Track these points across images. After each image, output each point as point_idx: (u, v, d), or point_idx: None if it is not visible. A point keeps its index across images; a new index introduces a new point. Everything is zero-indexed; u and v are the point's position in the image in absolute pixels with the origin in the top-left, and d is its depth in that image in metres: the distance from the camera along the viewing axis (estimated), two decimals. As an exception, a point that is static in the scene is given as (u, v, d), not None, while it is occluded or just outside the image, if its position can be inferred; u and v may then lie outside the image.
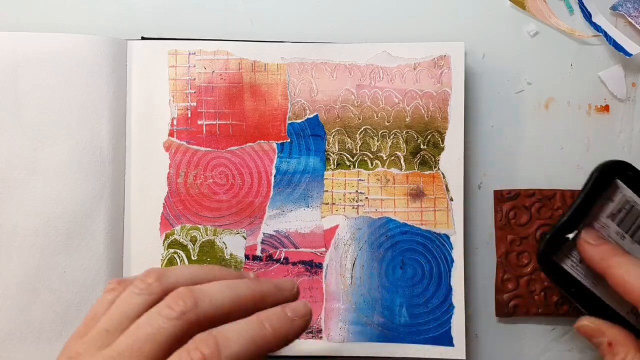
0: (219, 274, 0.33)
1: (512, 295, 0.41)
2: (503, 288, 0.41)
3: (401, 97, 0.41)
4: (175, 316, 0.28)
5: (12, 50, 0.40)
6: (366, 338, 0.40)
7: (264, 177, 0.41)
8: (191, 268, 0.32)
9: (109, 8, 0.43)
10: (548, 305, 0.41)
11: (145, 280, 0.30)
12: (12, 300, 0.39)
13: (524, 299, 0.41)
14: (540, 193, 0.41)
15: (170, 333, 0.28)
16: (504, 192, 0.41)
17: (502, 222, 0.41)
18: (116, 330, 0.29)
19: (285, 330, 0.30)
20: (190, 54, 0.41)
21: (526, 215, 0.41)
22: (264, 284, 0.32)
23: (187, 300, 0.28)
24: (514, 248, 0.41)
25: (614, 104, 0.43)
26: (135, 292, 0.30)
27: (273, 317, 0.30)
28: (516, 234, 0.41)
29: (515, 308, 0.41)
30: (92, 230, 0.40)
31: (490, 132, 0.43)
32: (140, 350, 0.27)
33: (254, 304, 0.31)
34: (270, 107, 0.41)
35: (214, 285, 0.30)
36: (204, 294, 0.29)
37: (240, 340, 0.28)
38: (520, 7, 0.43)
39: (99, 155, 0.40)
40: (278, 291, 0.32)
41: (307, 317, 0.32)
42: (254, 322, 0.29)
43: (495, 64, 0.43)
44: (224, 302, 0.30)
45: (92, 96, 0.40)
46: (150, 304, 0.30)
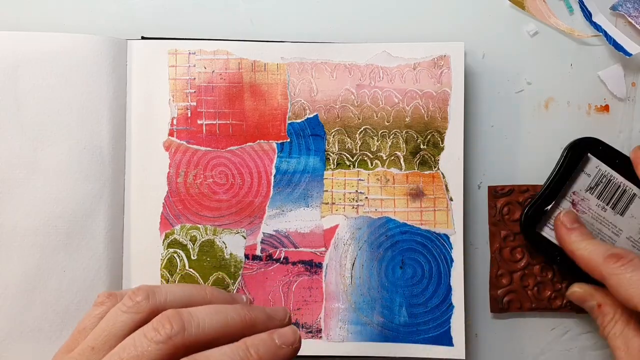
0: (209, 295, 0.33)
1: (506, 290, 0.41)
2: (497, 283, 0.41)
3: (401, 97, 0.41)
4: (161, 340, 0.28)
5: (12, 50, 0.40)
6: (366, 338, 0.40)
7: (263, 176, 0.41)
8: (182, 287, 0.32)
9: (109, 8, 0.43)
10: (541, 300, 0.41)
11: (133, 298, 0.30)
12: (12, 300, 0.39)
13: (518, 294, 0.41)
14: (534, 189, 0.41)
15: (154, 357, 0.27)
16: (497, 188, 0.41)
17: (496, 218, 0.41)
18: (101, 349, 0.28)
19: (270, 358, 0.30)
20: (190, 54, 0.41)
21: (520, 210, 0.41)
22: (255, 311, 0.32)
23: (175, 323, 0.28)
24: (507, 244, 0.41)
25: (613, 103, 0.42)
26: (123, 310, 0.30)
27: (259, 344, 0.30)
28: (510, 230, 0.41)
29: (509, 303, 0.41)
30: (92, 230, 0.40)
31: (490, 132, 0.43)
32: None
33: (243, 331, 0.30)
34: (270, 107, 0.41)
35: (203, 309, 0.30)
36: (192, 318, 0.29)
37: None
38: (519, 7, 0.43)
39: (99, 155, 0.40)
40: (269, 319, 0.32)
41: (295, 345, 0.31)
42: (239, 348, 0.29)
43: (495, 64, 0.43)
44: (212, 328, 0.29)
45: (92, 96, 0.40)
46: (137, 323, 0.29)
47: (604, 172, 0.40)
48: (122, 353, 0.28)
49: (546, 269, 0.41)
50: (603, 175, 0.40)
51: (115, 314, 0.30)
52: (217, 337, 0.29)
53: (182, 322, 0.28)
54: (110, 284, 0.40)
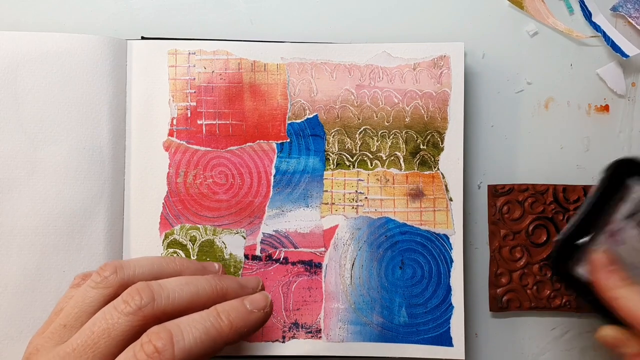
0: (179, 266, 0.33)
1: (505, 289, 0.41)
2: (496, 282, 0.41)
3: (401, 97, 0.41)
4: (131, 311, 0.28)
5: (12, 50, 0.40)
6: (365, 338, 0.40)
7: (263, 177, 0.41)
8: (151, 260, 0.32)
9: (109, 8, 0.43)
10: (540, 299, 0.41)
11: (101, 274, 0.30)
12: (12, 300, 0.39)
13: (517, 293, 0.41)
14: (534, 188, 0.41)
15: (125, 328, 0.28)
16: (497, 187, 0.41)
17: (496, 217, 0.41)
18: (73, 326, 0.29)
19: (242, 323, 0.30)
20: (190, 54, 0.41)
21: (519, 210, 0.41)
22: (227, 281, 0.32)
23: (144, 295, 0.28)
24: (507, 242, 0.41)
25: (613, 103, 0.42)
26: (91, 286, 0.30)
27: (230, 310, 0.30)
28: (509, 229, 0.41)
29: (508, 302, 0.41)
30: (91, 229, 0.40)
31: (490, 132, 0.43)
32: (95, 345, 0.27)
33: (215, 300, 0.31)
34: (270, 107, 0.41)
35: (173, 281, 0.30)
36: (161, 289, 0.29)
37: (195, 332, 0.28)
38: (518, 7, 0.43)
39: (99, 155, 0.40)
40: (241, 288, 0.32)
41: (267, 310, 0.31)
42: (210, 315, 0.29)
43: (495, 64, 0.43)
44: (183, 298, 0.30)
45: (92, 96, 0.40)
46: (107, 297, 0.30)
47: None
48: (93, 327, 0.28)
49: (545, 268, 0.41)
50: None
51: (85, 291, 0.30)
52: (188, 307, 0.30)
53: (152, 293, 0.29)
54: (110, 284, 0.40)
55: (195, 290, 0.30)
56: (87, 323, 0.29)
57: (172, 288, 0.30)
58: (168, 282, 0.30)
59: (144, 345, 0.27)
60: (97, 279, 0.30)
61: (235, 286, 0.32)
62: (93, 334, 0.28)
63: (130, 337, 0.28)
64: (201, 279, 0.31)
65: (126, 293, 0.29)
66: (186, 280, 0.31)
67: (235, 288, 0.32)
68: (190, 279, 0.31)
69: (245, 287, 0.33)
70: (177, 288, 0.30)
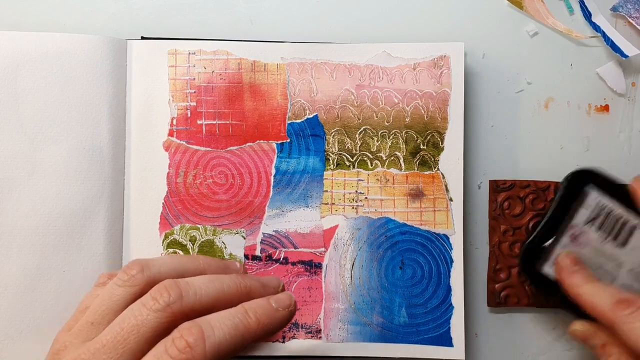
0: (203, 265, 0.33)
1: (503, 285, 0.41)
2: (495, 278, 0.41)
3: (401, 97, 0.41)
4: (160, 308, 0.28)
5: (12, 50, 0.40)
6: (365, 338, 0.40)
7: (263, 177, 0.41)
8: (175, 259, 0.33)
9: (109, 8, 0.43)
10: (538, 296, 0.41)
11: (128, 272, 0.31)
12: (12, 300, 0.39)
13: (515, 288, 0.41)
14: (535, 184, 0.41)
15: (154, 325, 0.28)
16: (499, 183, 0.41)
17: (496, 212, 0.41)
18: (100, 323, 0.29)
19: (269, 320, 0.31)
20: (190, 54, 0.41)
21: (520, 206, 0.41)
22: (249, 280, 0.33)
23: (172, 292, 0.29)
24: (507, 238, 0.41)
25: (613, 103, 0.42)
26: (118, 284, 0.30)
27: (257, 307, 0.31)
28: (509, 224, 0.41)
29: (506, 298, 0.41)
30: (91, 229, 0.40)
31: (490, 132, 0.42)
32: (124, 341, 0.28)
33: (239, 298, 0.31)
34: (270, 107, 0.41)
35: (199, 279, 0.31)
36: (188, 286, 0.30)
37: (224, 328, 0.29)
38: (518, 7, 0.43)
39: (99, 155, 0.40)
40: (263, 287, 0.33)
41: (291, 309, 0.32)
42: (238, 312, 0.30)
43: (495, 64, 0.43)
44: (209, 295, 0.30)
45: (92, 96, 0.40)
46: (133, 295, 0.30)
47: (603, 203, 0.38)
48: (122, 323, 0.28)
49: None
50: (602, 207, 0.38)
51: (112, 289, 0.30)
52: (214, 304, 0.30)
53: (180, 290, 0.29)
54: (110, 284, 0.40)
55: (221, 288, 0.31)
56: (116, 320, 0.29)
57: (199, 285, 0.30)
58: (194, 279, 0.31)
59: (175, 341, 0.27)
60: (124, 277, 0.30)
61: (258, 285, 0.33)
62: (122, 330, 0.28)
63: (159, 333, 0.28)
64: (226, 278, 0.32)
65: (154, 290, 0.29)
66: (212, 278, 0.31)
67: (258, 287, 0.33)
68: (215, 277, 0.31)
69: (268, 286, 0.33)
70: (203, 286, 0.30)
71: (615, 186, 0.38)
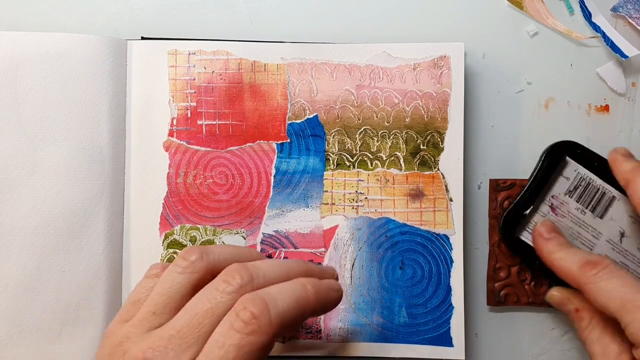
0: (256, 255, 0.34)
1: (503, 284, 0.41)
2: (495, 276, 0.41)
3: (401, 98, 0.41)
4: (233, 290, 0.28)
5: (12, 50, 0.40)
6: (365, 338, 0.40)
7: (263, 177, 0.41)
8: (231, 248, 0.33)
9: (109, 8, 0.43)
10: (538, 295, 0.41)
11: (187, 258, 0.30)
12: (11, 300, 0.39)
13: (515, 287, 0.41)
14: None
15: (228, 307, 0.28)
16: (499, 182, 0.41)
17: (497, 211, 0.41)
18: (163, 312, 0.29)
19: (325, 296, 0.31)
20: (190, 54, 0.41)
21: None
22: (310, 264, 0.34)
23: (243, 274, 0.29)
24: None
25: (613, 103, 0.42)
26: (178, 272, 0.30)
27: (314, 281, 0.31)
28: None
29: (506, 297, 0.41)
30: (91, 230, 0.40)
31: (490, 132, 0.42)
32: (200, 325, 0.27)
33: None
34: (270, 107, 0.41)
35: (264, 262, 0.31)
36: (257, 269, 0.30)
37: (286, 299, 0.29)
38: (518, 7, 0.43)
39: (99, 155, 0.40)
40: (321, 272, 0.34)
41: (341, 292, 0.33)
42: (297, 284, 0.30)
43: (495, 64, 0.43)
44: (277, 278, 0.30)
45: (92, 96, 0.40)
46: (194, 282, 0.30)
47: (582, 175, 0.40)
48: (196, 308, 0.28)
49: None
50: (582, 178, 0.40)
51: (171, 277, 0.30)
52: None
53: (250, 273, 0.29)
54: (110, 284, 0.40)
55: (286, 271, 0.31)
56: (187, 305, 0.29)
57: (266, 268, 0.30)
58: (260, 263, 0.31)
59: (239, 313, 0.27)
60: (184, 264, 0.30)
61: (318, 270, 0.34)
62: (197, 315, 0.28)
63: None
64: (290, 262, 0.32)
65: (225, 274, 0.29)
66: (276, 262, 0.32)
67: (318, 272, 0.34)
68: (280, 261, 0.32)
69: (325, 272, 0.34)
70: (270, 269, 0.30)
71: (594, 158, 0.40)
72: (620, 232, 0.40)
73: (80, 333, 0.40)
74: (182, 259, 0.31)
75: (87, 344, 0.40)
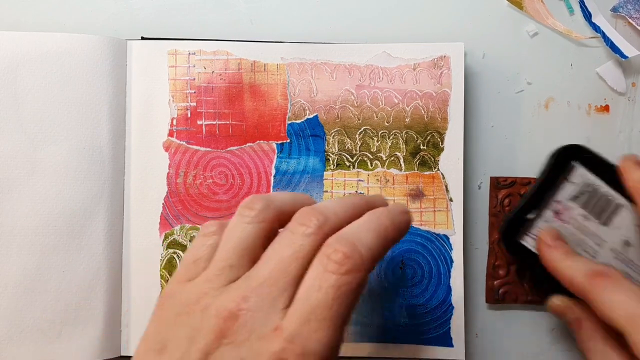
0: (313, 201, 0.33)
1: (502, 282, 0.41)
2: (494, 274, 0.41)
3: (401, 98, 0.41)
4: (313, 231, 0.28)
5: (12, 50, 0.40)
6: (365, 338, 0.40)
7: (263, 177, 0.41)
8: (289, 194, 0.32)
9: (109, 8, 0.43)
10: (537, 294, 0.41)
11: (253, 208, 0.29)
12: (11, 300, 0.39)
13: (514, 285, 0.41)
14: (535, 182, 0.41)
15: (310, 249, 0.28)
16: (500, 179, 0.41)
17: (497, 209, 0.41)
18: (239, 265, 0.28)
19: (399, 222, 0.31)
20: (190, 54, 0.41)
21: None
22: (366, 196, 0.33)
23: (318, 215, 0.28)
24: None
25: (613, 103, 0.42)
26: (246, 222, 0.29)
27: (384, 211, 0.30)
28: None
29: (505, 295, 0.41)
30: (91, 230, 0.40)
31: (490, 132, 0.42)
32: (286, 270, 0.27)
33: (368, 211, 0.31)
34: (269, 107, 0.41)
35: (329, 201, 0.31)
36: (327, 209, 0.29)
37: (369, 234, 0.29)
38: (517, 7, 0.43)
39: (99, 155, 0.40)
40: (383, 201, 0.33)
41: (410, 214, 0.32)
42: (370, 217, 0.30)
43: (495, 64, 0.43)
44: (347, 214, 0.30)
45: (92, 96, 0.40)
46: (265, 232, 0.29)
47: (589, 180, 0.38)
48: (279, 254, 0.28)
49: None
50: (588, 184, 0.38)
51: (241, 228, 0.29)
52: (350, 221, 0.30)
53: (323, 213, 0.29)
54: (110, 284, 0.40)
55: (352, 205, 0.31)
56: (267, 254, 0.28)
57: (333, 207, 0.30)
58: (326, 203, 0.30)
59: (331, 256, 0.27)
60: (251, 214, 0.29)
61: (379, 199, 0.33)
62: (281, 261, 0.27)
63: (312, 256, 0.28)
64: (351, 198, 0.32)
65: (299, 217, 0.29)
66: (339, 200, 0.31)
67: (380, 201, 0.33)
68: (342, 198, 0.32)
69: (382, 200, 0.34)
70: (337, 206, 0.30)
71: (602, 164, 0.38)
72: (624, 241, 0.38)
73: (80, 333, 0.40)
74: (247, 209, 0.30)
75: (87, 344, 0.40)
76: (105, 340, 0.40)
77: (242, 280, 0.27)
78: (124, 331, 0.41)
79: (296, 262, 0.27)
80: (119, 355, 0.41)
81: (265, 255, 0.28)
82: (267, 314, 0.26)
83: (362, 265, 0.27)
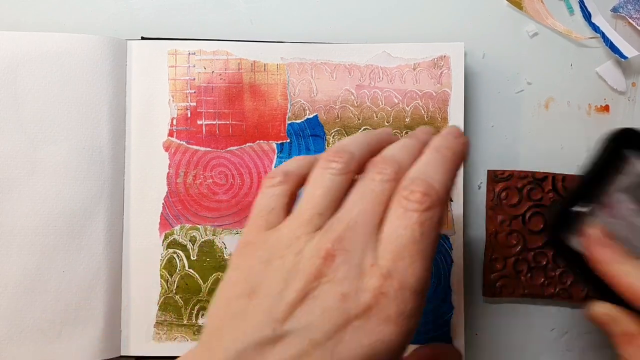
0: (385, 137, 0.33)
1: (499, 275, 0.41)
2: (491, 268, 0.41)
3: (401, 98, 0.41)
4: (390, 177, 0.29)
5: (12, 50, 0.40)
6: (365, 338, 0.40)
7: (263, 177, 0.41)
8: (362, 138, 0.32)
9: (109, 8, 0.43)
10: (534, 287, 0.41)
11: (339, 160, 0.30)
12: (11, 300, 0.39)
13: (511, 279, 0.41)
14: (533, 175, 0.41)
15: (388, 193, 0.29)
16: (497, 172, 0.41)
17: (494, 202, 0.41)
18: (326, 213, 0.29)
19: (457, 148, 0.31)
20: (190, 54, 0.41)
21: (517, 196, 0.41)
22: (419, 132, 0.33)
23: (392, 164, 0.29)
24: (503, 228, 0.41)
25: (613, 103, 0.42)
26: (333, 174, 0.30)
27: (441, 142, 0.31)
28: (506, 214, 0.41)
29: (502, 288, 0.41)
30: (91, 230, 0.40)
31: (490, 132, 0.42)
32: (373, 212, 0.28)
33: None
34: (269, 107, 0.41)
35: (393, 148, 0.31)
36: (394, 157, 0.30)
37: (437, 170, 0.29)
38: (517, 8, 0.43)
39: (99, 155, 0.40)
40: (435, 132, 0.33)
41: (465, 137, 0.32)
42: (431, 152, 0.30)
43: (495, 64, 0.43)
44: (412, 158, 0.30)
45: (92, 96, 0.40)
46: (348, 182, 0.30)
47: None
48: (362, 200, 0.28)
49: (540, 255, 0.41)
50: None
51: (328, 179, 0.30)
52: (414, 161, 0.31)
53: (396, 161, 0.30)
54: (110, 284, 0.40)
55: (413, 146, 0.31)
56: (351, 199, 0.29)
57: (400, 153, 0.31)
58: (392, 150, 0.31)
59: (409, 197, 0.28)
60: (339, 166, 0.30)
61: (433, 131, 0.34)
62: (367, 205, 0.28)
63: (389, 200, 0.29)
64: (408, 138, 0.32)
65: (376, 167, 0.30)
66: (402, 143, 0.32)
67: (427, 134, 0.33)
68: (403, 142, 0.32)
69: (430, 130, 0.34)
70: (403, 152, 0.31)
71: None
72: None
73: (80, 333, 0.40)
74: (333, 161, 0.30)
75: (87, 344, 0.40)
76: (105, 340, 0.40)
77: (331, 223, 0.28)
78: (123, 331, 0.41)
79: (379, 206, 0.28)
80: (119, 355, 0.41)
81: (350, 200, 0.29)
82: (362, 253, 0.27)
83: (438, 200, 0.28)
